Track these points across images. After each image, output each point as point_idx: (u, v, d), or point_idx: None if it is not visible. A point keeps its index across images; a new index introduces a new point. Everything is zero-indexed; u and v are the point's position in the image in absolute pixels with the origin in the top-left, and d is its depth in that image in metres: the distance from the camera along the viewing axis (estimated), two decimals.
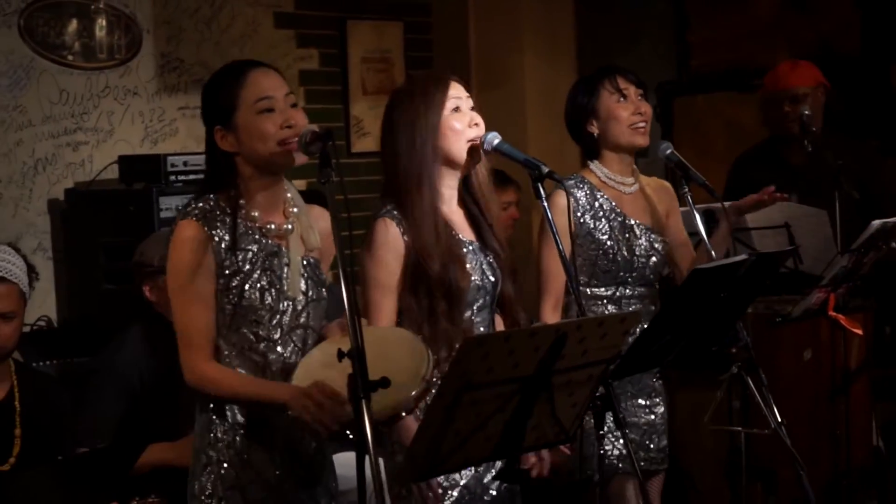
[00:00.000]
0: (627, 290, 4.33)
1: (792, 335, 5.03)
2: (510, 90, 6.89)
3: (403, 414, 3.17)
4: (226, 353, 3.31)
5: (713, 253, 4.24)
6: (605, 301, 4.31)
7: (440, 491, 3.64)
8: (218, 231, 3.25)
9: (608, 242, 4.27)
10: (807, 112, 5.44)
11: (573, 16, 7.13)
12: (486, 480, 3.71)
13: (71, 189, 5.68)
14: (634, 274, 4.32)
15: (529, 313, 4.01)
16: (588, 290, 4.29)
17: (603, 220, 4.29)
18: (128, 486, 3.88)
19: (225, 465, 3.30)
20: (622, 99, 4.32)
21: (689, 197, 4.40)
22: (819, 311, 4.71)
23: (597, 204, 4.32)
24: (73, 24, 5.76)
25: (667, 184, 4.56)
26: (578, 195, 4.29)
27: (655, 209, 4.44)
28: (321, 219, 3.45)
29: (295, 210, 3.39)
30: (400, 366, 3.16)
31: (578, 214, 4.26)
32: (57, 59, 5.71)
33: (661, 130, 7.02)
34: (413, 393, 3.14)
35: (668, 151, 4.36)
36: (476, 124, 3.71)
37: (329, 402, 3.02)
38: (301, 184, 5.80)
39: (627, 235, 4.32)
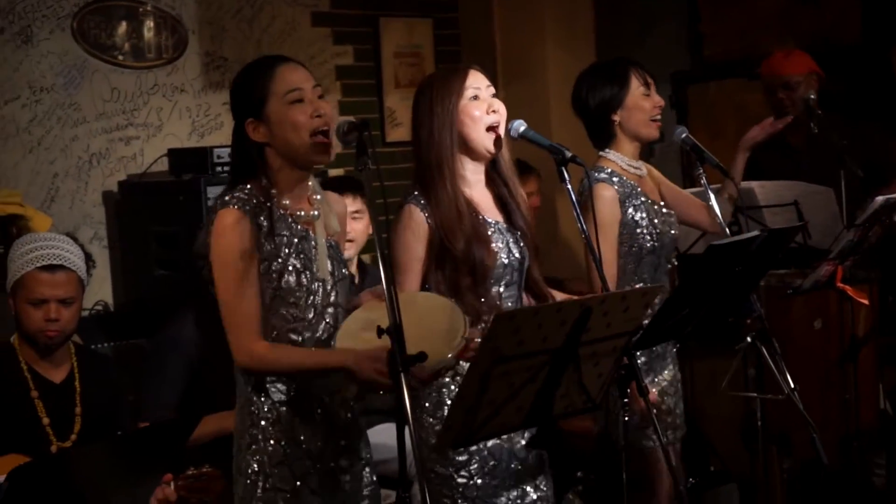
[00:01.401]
0: (660, 274, 4.33)
1: (802, 306, 5.01)
2: (534, 81, 6.87)
3: (441, 375, 3.19)
4: (267, 336, 3.29)
5: (725, 229, 4.25)
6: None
7: (465, 457, 3.65)
8: (257, 217, 3.24)
9: (649, 225, 4.25)
10: (812, 96, 5.43)
11: (592, 10, 7.11)
12: (515, 448, 3.71)
13: (124, 181, 5.69)
14: (668, 254, 4.33)
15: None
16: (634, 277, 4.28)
17: (641, 205, 4.27)
18: (184, 458, 3.89)
19: (271, 442, 3.30)
20: (648, 91, 4.31)
21: (703, 177, 4.39)
22: (827, 282, 4.70)
23: (635, 193, 4.30)
24: (123, 26, 5.77)
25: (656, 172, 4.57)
26: (614, 181, 4.26)
27: (657, 187, 4.45)
28: (337, 204, 3.49)
29: (318, 197, 3.39)
30: (435, 328, 3.17)
31: (626, 204, 4.24)
32: (108, 60, 5.72)
33: (676, 116, 7.01)
34: (450, 355, 3.14)
35: (684, 135, 4.37)
36: (494, 111, 3.70)
37: (381, 354, 3.01)
38: (338, 171, 5.82)
39: (659, 216, 4.31)
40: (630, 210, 4.23)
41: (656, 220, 4.27)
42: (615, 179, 4.24)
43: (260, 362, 3.24)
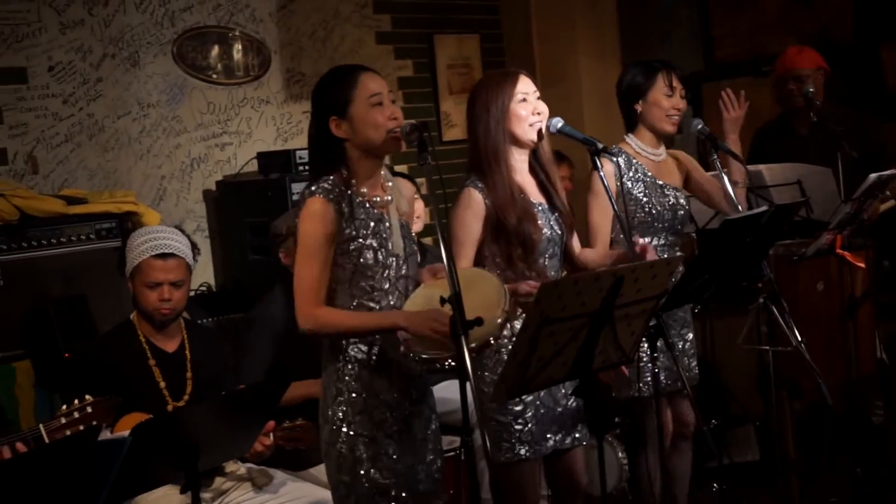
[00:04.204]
0: (661, 240, 4.31)
1: (807, 270, 4.97)
2: (568, 85, 6.86)
3: (492, 340, 3.16)
4: (348, 304, 3.31)
5: (739, 206, 4.23)
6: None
7: (521, 407, 3.66)
8: (339, 204, 3.25)
9: (643, 199, 4.26)
10: (811, 89, 5.40)
11: (617, 23, 7.09)
12: (558, 396, 3.73)
13: (220, 181, 5.74)
14: (665, 224, 4.30)
15: None
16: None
17: (639, 182, 4.28)
18: (278, 414, 3.92)
19: (353, 394, 3.31)
20: (670, 93, 4.30)
21: (717, 162, 4.37)
22: (828, 250, 4.66)
23: (633, 169, 4.31)
24: (216, 49, 5.82)
25: (683, 153, 4.55)
26: (620, 162, 4.27)
27: (678, 172, 4.44)
28: (405, 188, 3.51)
29: (390, 184, 3.39)
30: (484, 300, 3.16)
31: (623, 178, 4.25)
32: (204, 78, 5.77)
33: (692, 111, 6.97)
34: (499, 321, 3.14)
35: (700, 126, 4.36)
36: (538, 112, 3.73)
37: (436, 315, 3.05)
38: (402, 167, 5.84)
39: (657, 193, 4.31)
40: (628, 184, 4.23)
41: (652, 196, 4.27)
42: (620, 157, 4.24)
43: (321, 325, 3.24)
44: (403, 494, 3.33)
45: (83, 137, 5.30)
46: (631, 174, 4.28)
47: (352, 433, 3.30)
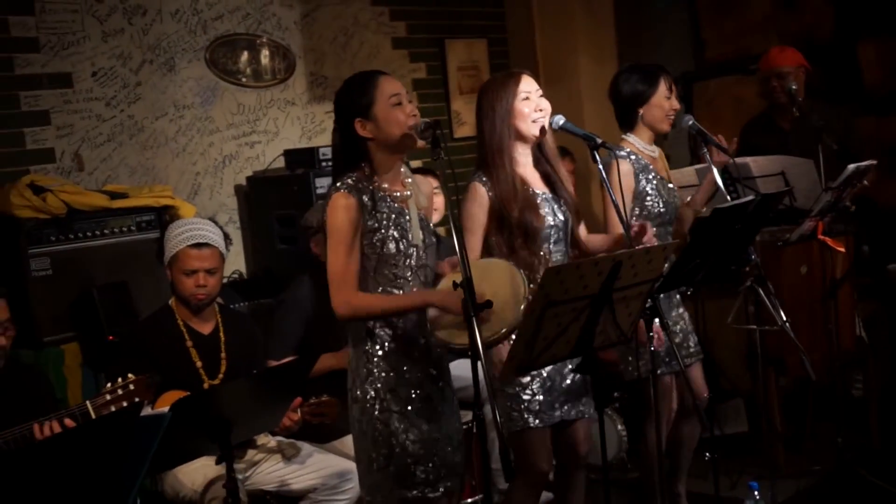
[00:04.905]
0: (669, 228, 4.30)
1: (791, 255, 4.96)
2: (569, 85, 6.84)
3: (513, 336, 3.10)
4: (373, 291, 3.31)
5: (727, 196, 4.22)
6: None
7: (528, 379, 3.66)
8: (362, 198, 3.26)
9: (655, 196, 4.23)
10: (794, 86, 5.37)
11: (614, 28, 7.06)
12: (564, 371, 3.72)
13: (250, 176, 5.74)
14: (671, 216, 4.30)
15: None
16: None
17: (652, 179, 4.25)
18: (306, 388, 3.93)
19: (383, 374, 3.31)
20: (670, 96, 4.28)
21: (707, 155, 4.36)
22: (811, 235, 4.65)
23: (647, 169, 4.28)
24: (245, 55, 5.81)
25: (659, 149, 4.53)
26: (632, 159, 4.24)
27: (665, 167, 4.42)
28: (424, 184, 3.50)
29: (409, 180, 3.40)
30: (502, 289, 3.15)
31: (639, 177, 4.23)
32: (234, 82, 5.76)
33: (683, 108, 6.93)
34: (522, 307, 3.11)
35: (690, 122, 4.33)
36: (540, 109, 3.73)
37: (462, 294, 3.02)
38: (416, 163, 5.83)
39: (664, 188, 4.29)
40: (643, 182, 4.20)
41: (663, 192, 4.25)
42: (632, 157, 4.21)
43: (356, 309, 3.24)
44: (437, 461, 3.34)
45: (124, 137, 5.30)
46: (645, 174, 4.24)
47: (385, 410, 3.30)
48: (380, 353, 3.31)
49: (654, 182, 4.22)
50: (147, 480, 4.04)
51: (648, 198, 4.19)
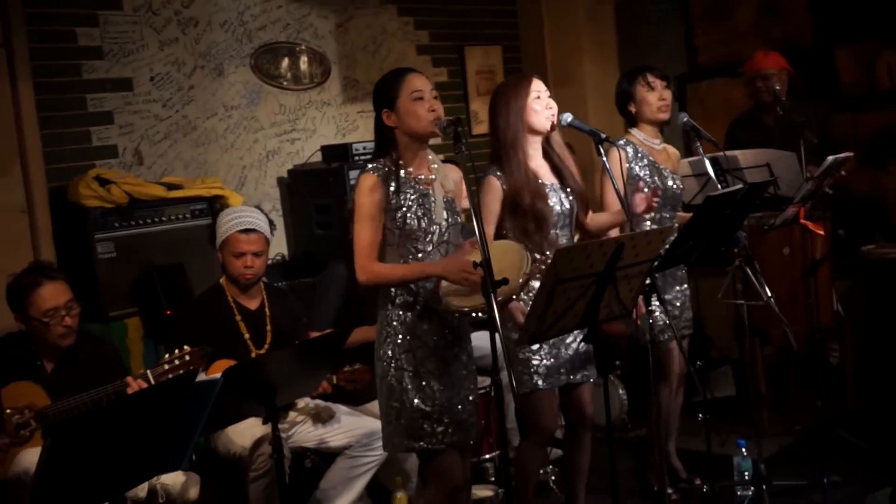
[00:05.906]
0: (665, 213, 4.28)
1: (775, 237, 4.94)
2: (575, 87, 6.80)
3: (514, 298, 3.20)
4: (396, 261, 3.31)
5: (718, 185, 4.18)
6: (648, 221, 4.26)
7: (537, 346, 3.64)
8: (387, 180, 3.27)
9: (648, 181, 4.22)
10: (777, 87, 5.33)
11: (615, 34, 7.02)
12: (568, 340, 3.72)
13: (291, 169, 5.73)
14: (666, 201, 4.27)
15: None
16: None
17: (645, 166, 4.24)
18: (342, 357, 3.93)
19: (400, 336, 3.32)
20: (650, 89, 4.26)
21: (700, 149, 4.34)
22: (793, 220, 4.61)
23: (638, 156, 4.27)
24: (286, 61, 5.80)
25: (673, 148, 4.51)
26: (628, 150, 4.24)
27: (672, 160, 4.40)
28: (452, 171, 3.49)
29: (435, 166, 3.39)
30: (510, 264, 3.17)
31: (630, 164, 4.22)
32: (276, 85, 5.75)
33: (678, 106, 6.89)
34: (521, 281, 3.16)
35: (685, 119, 4.32)
36: (550, 107, 3.73)
37: (466, 266, 3.06)
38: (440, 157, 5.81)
39: (659, 175, 4.27)
40: (636, 168, 4.20)
41: (656, 178, 4.24)
42: (629, 147, 4.22)
43: (376, 276, 3.25)
44: (445, 419, 3.33)
45: (179, 135, 5.31)
46: (638, 160, 4.25)
47: (398, 368, 3.31)
48: (399, 317, 3.32)
49: (648, 168, 4.22)
50: (202, 439, 4.06)
51: (641, 182, 4.17)
